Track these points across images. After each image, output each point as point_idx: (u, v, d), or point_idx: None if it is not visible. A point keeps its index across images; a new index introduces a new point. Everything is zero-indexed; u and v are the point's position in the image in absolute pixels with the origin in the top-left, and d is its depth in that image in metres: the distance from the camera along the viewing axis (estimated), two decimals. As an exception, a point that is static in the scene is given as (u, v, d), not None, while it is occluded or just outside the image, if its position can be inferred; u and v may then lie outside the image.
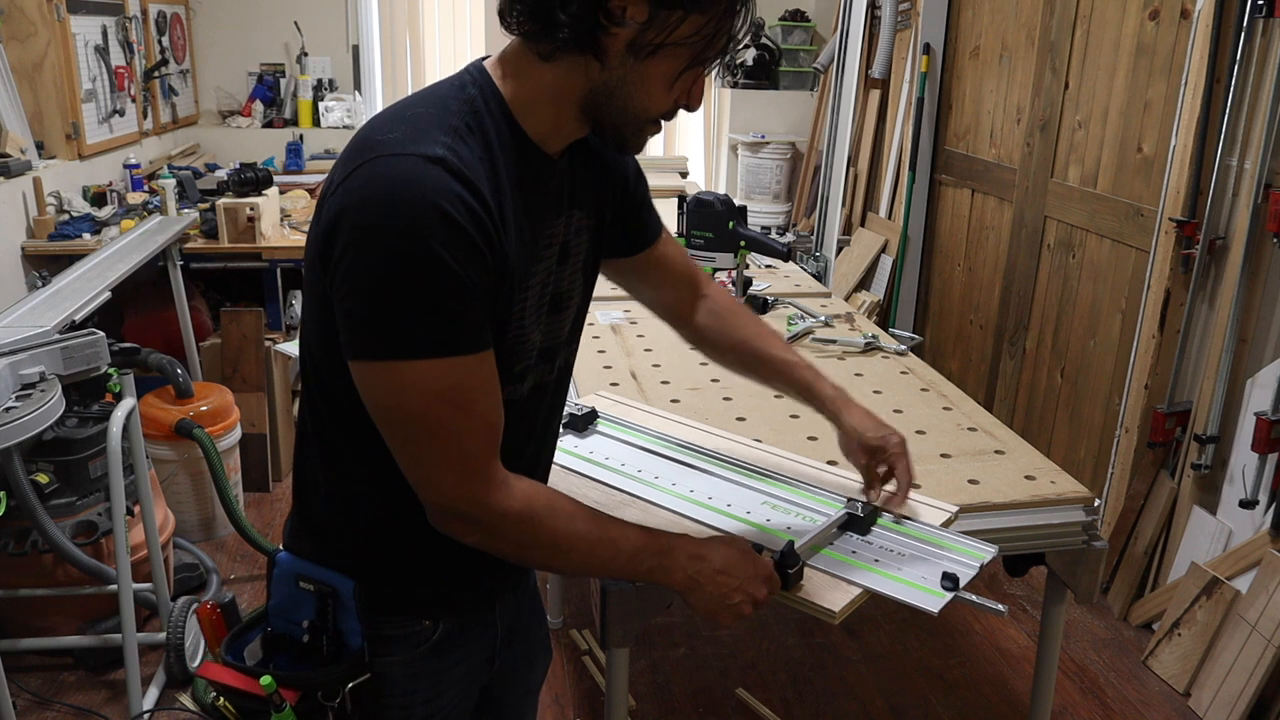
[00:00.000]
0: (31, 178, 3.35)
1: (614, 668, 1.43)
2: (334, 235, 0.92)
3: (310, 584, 1.06)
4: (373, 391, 0.95)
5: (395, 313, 0.91)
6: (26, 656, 2.45)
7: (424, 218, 0.89)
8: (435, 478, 0.97)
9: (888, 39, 4.49)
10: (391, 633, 1.09)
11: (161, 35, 4.58)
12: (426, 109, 0.97)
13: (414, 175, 0.90)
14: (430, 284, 0.90)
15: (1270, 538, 2.38)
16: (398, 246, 0.89)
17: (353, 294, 0.92)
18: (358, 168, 0.92)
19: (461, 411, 0.95)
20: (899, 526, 1.30)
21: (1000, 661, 2.64)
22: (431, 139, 0.93)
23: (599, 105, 0.99)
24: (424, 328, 0.92)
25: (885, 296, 4.45)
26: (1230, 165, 2.58)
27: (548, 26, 0.94)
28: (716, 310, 1.36)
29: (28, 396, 2.08)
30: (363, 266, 0.90)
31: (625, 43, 0.94)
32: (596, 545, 1.05)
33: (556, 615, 2.73)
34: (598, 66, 0.96)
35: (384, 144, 0.93)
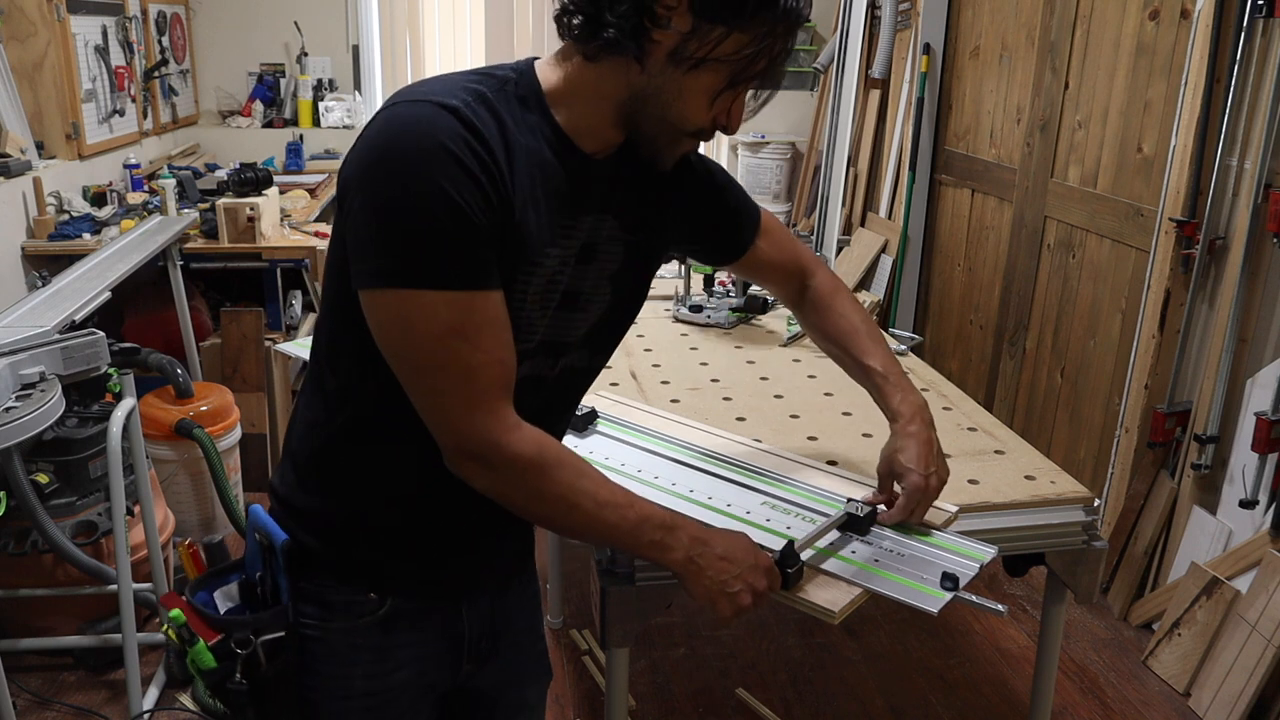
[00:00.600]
0: (31, 178, 3.35)
1: (614, 668, 1.43)
2: (349, 176, 0.96)
3: (259, 535, 1.08)
4: (382, 322, 0.96)
5: (403, 241, 0.92)
6: (26, 656, 2.45)
7: (431, 153, 0.91)
8: (448, 414, 0.98)
9: (888, 39, 4.49)
10: (335, 598, 1.09)
11: (161, 35, 4.58)
12: (458, 77, 1.00)
13: (425, 116, 0.93)
14: (437, 216, 0.92)
15: (1270, 538, 2.38)
16: (404, 177, 0.91)
17: (363, 224, 0.94)
18: (379, 113, 0.96)
19: (471, 346, 0.95)
20: (899, 526, 1.30)
21: (1000, 661, 2.64)
22: (450, 94, 0.95)
23: (636, 110, 1.01)
24: (431, 258, 0.93)
25: (885, 296, 4.45)
26: (1230, 165, 2.58)
27: (596, 26, 0.96)
28: (817, 302, 1.39)
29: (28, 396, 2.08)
30: (372, 197, 0.93)
31: (667, 51, 0.96)
32: (604, 506, 1.04)
33: (557, 615, 2.73)
34: (639, 70, 0.98)
35: (405, 94, 0.96)
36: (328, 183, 4.45)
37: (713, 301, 2.31)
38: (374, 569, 1.10)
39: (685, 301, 2.32)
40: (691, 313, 2.28)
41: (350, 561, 1.09)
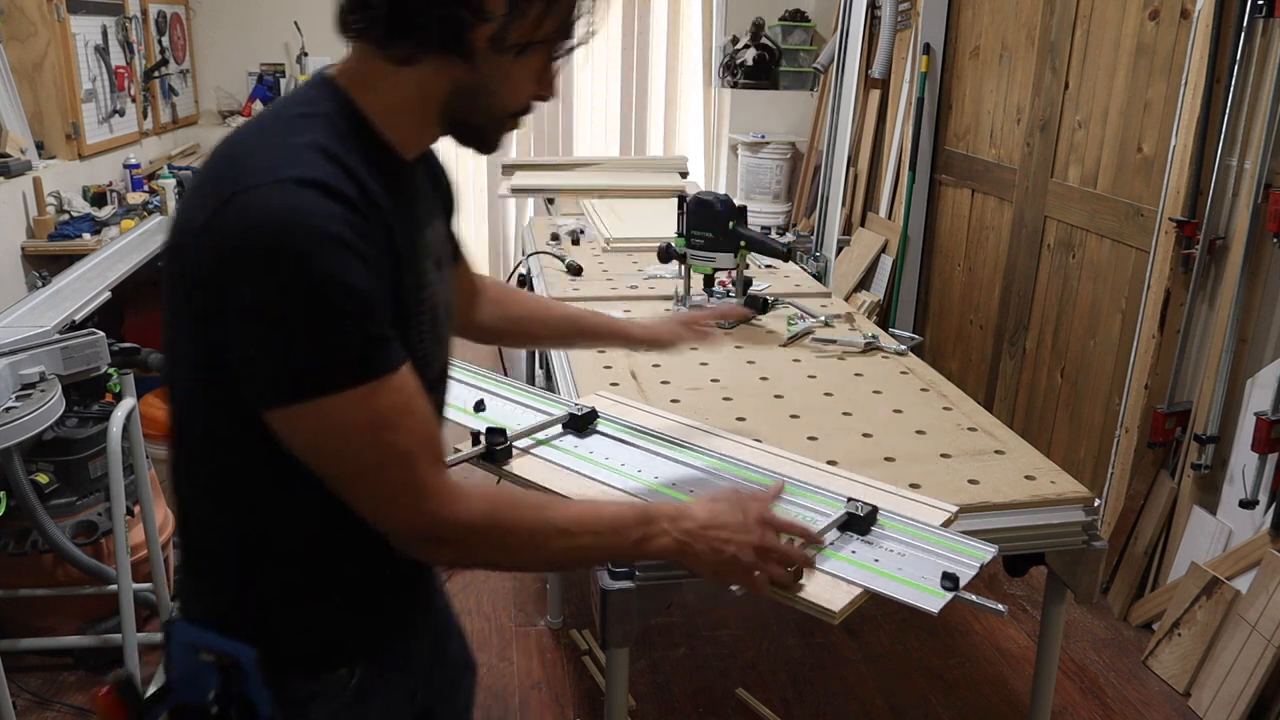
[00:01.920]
0: (31, 178, 3.35)
1: (614, 668, 1.43)
2: (217, 281, 0.86)
3: (210, 654, 0.99)
4: (305, 436, 0.89)
5: (309, 347, 0.86)
6: (26, 656, 2.45)
7: (313, 242, 0.84)
8: (393, 507, 0.93)
9: (888, 39, 4.49)
10: (309, 690, 1.02)
11: (161, 35, 4.58)
12: (279, 135, 0.91)
13: (291, 202, 0.85)
14: (337, 309, 0.86)
15: (1270, 538, 2.38)
16: (294, 278, 0.84)
17: (257, 339, 0.86)
18: (224, 204, 0.85)
19: (401, 432, 0.91)
20: (899, 526, 1.30)
21: (1000, 661, 2.64)
22: (296, 161, 0.88)
23: (464, 106, 0.97)
24: (343, 356, 0.87)
25: (885, 296, 4.45)
26: (1230, 165, 2.58)
27: (407, 29, 0.90)
28: (496, 295, 1.40)
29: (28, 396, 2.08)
30: (261, 307, 0.85)
31: (488, 39, 0.91)
32: (574, 530, 1.00)
33: (556, 615, 2.74)
34: (462, 66, 0.93)
35: (246, 175, 0.86)
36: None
37: (713, 301, 2.31)
38: (339, 643, 1.04)
39: (685, 301, 2.32)
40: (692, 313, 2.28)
41: (319, 645, 1.03)
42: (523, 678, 2.52)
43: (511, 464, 1.47)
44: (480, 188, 5.61)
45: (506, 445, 1.47)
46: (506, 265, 5.79)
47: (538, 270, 2.76)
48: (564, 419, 1.58)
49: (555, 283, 2.60)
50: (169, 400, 1.00)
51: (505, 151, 5.45)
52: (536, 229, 3.25)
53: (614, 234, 3.04)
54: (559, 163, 4.48)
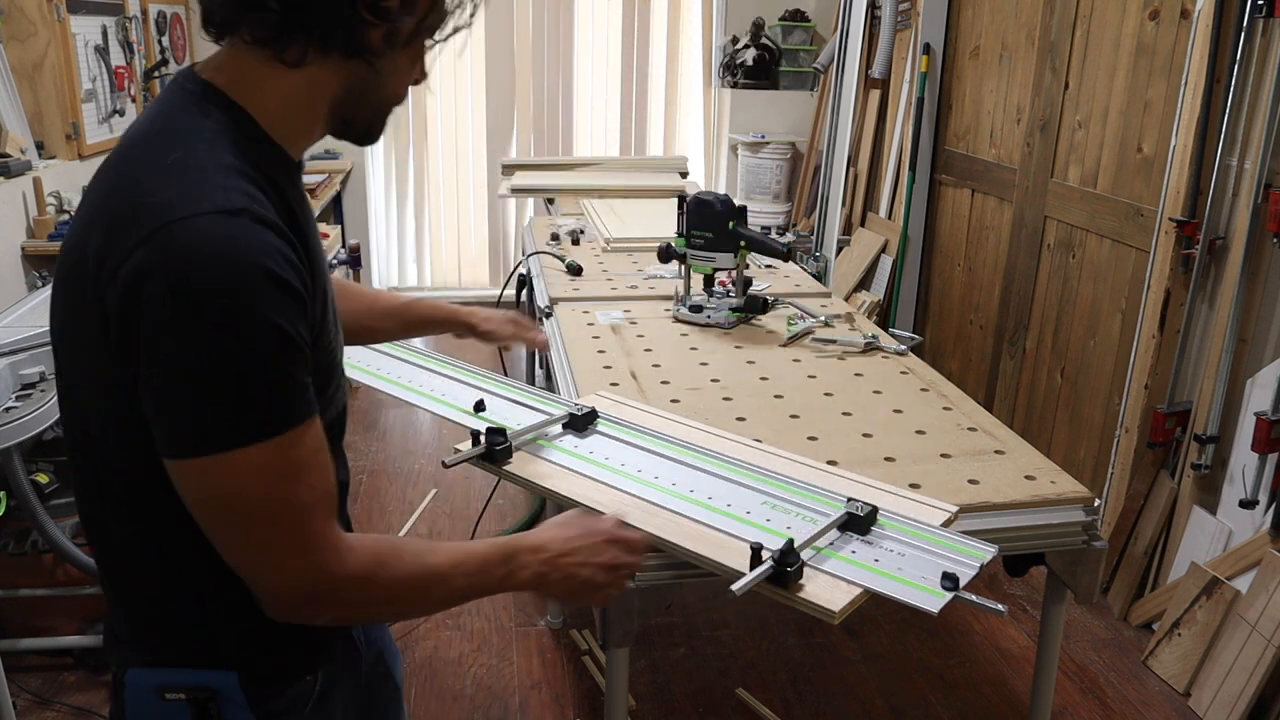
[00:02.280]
0: (31, 178, 3.35)
1: (614, 668, 1.43)
2: (134, 319, 0.80)
3: (179, 693, 0.94)
4: (203, 488, 0.85)
5: (231, 397, 0.81)
6: (26, 656, 2.45)
7: (249, 281, 0.80)
8: (280, 565, 0.88)
9: (888, 39, 4.49)
10: (280, 705, 1.00)
11: (161, 35, 4.58)
12: (190, 156, 0.86)
13: (222, 235, 0.80)
14: (266, 356, 0.82)
15: (1270, 538, 2.38)
16: (225, 320, 0.79)
17: (172, 384, 0.81)
18: (147, 239, 0.80)
19: (304, 485, 0.87)
20: (899, 526, 1.30)
21: (1000, 661, 2.64)
22: (216, 188, 0.83)
23: (354, 103, 0.95)
24: (263, 407, 0.83)
25: (885, 296, 4.45)
26: (1230, 165, 2.58)
27: (303, 32, 0.87)
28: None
29: (28, 396, 2.08)
30: (183, 349, 0.79)
31: (382, 36, 0.91)
32: (449, 575, 0.98)
33: (557, 615, 2.74)
34: (358, 64, 0.91)
35: (169, 207, 0.81)
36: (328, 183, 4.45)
37: (713, 301, 2.31)
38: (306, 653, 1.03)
39: (685, 301, 2.32)
40: (691, 313, 2.28)
41: (291, 659, 1.02)
42: (523, 678, 2.52)
43: (511, 464, 1.47)
44: (480, 187, 5.62)
45: (506, 445, 1.47)
46: (506, 265, 5.80)
47: (538, 270, 2.76)
48: (564, 419, 1.58)
49: (555, 283, 2.60)
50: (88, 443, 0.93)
51: (505, 151, 5.46)
52: (536, 229, 3.25)
53: (614, 234, 3.04)
54: (559, 163, 4.48)
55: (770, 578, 1.16)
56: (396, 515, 3.31)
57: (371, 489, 3.50)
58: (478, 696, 2.44)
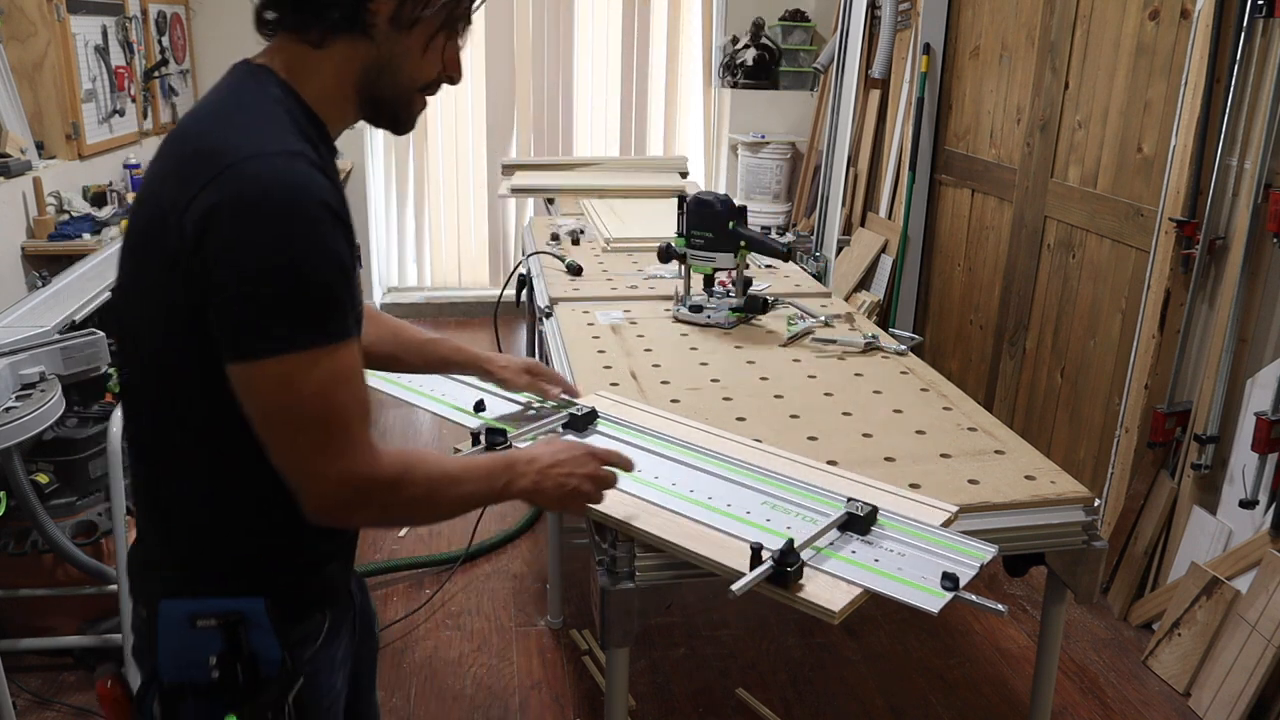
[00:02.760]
0: (31, 178, 3.35)
1: (614, 668, 1.43)
2: (208, 240, 0.91)
3: (211, 619, 1.03)
4: (263, 389, 0.95)
5: (294, 305, 0.92)
6: (26, 656, 2.45)
7: (311, 209, 0.93)
8: (326, 467, 0.98)
9: (888, 39, 4.49)
10: (296, 636, 1.10)
11: (161, 35, 4.58)
12: (250, 115, 0.99)
13: (286, 170, 0.93)
14: (323, 274, 0.94)
15: (1270, 538, 2.38)
16: (289, 240, 0.91)
17: (242, 295, 0.91)
18: (218, 175, 0.92)
19: (349, 394, 0.98)
20: (899, 526, 1.30)
21: (1000, 661, 2.64)
22: (279, 138, 0.96)
23: (374, 82, 1.05)
24: (320, 317, 0.94)
25: (885, 296, 4.45)
26: (1230, 165, 2.58)
27: (314, 11, 1.00)
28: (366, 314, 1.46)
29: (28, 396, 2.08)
30: (252, 264, 0.91)
31: (388, 18, 1.01)
32: (462, 478, 1.11)
33: (557, 615, 2.74)
34: (368, 43, 1.02)
35: (236, 149, 0.93)
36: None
37: (713, 301, 2.31)
38: (320, 591, 1.14)
39: (685, 301, 2.32)
40: (691, 313, 2.28)
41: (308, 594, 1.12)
42: (523, 678, 2.52)
43: (511, 464, 1.47)
44: (480, 187, 5.62)
45: (506, 445, 1.47)
46: (506, 265, 5.80)
47: (538, 270, 2.76)
48: (564, 419, 1.58)
49: (555, 283, 2.60)
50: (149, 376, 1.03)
51: (505, 151, 5.46)
52: (536, 229, 3.25)
53: (614, 234, 3.04)
54: (559, 163, 4.48)
55: (770, 578, 1.16)
56: (396, 515, 3.31)
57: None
58: (478, 696, 2.44)
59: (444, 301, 5.69)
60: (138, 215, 1.01)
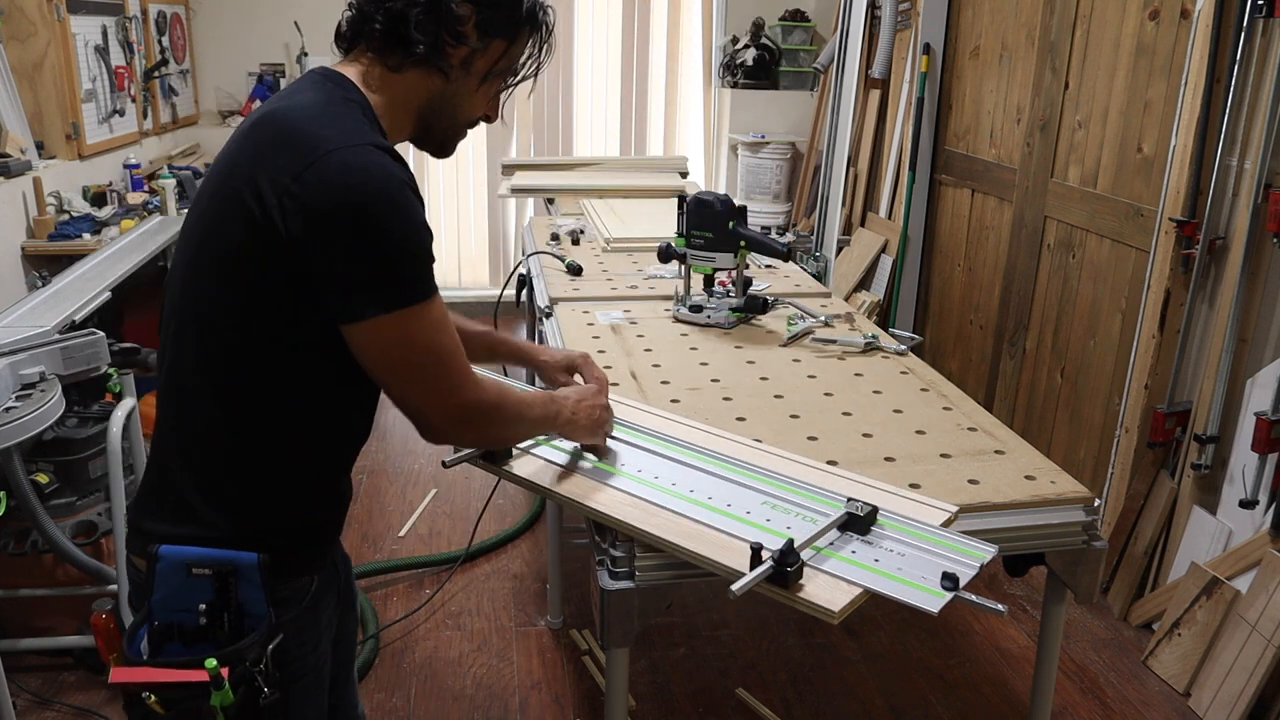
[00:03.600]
0: (31, 178, 3.35)
1: (614, 668, 1.43)
2: (312, 220, 1.05)
3: (206, 567, 1.12)
4: (384, 342, 1.09)
5: (407, 267, 1.08)
6: (26, 656, 2.45)
7: (402, 190, 1.08)
8: (444, 400, 1.14)
9: (888, 39, 4.49)
10: (284, 594, 1.18)
11: (161, 35, 4.58)
12: (338, 113, 1.12)
13: (380, 160, 1.08)
14: (421, 239, 1.10)
15: (1270, 538, 2.38)
16: (395, 217, 1.07)
17: (364, 261, 1.06)
18: (317, 160, 1.05)
19: (450, 334, 1.14)
20: (899, 526, 1.30)
21: (1000, 661, 2.64)
22: (365, 134, 1.11)
23: (435, 113, 1.22)
24: (425, 273, 1.10)
25: (885, 296, 4.45)
26: (1230, 165, 2.58)
27: (405, 42, 1.15)
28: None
29: (28, 396, 2.08)
30: (370, 235, 1.05)
31: (460, 61, 1.19)
32: (532, 405, 1.32)
33: (557, 615, 2.74)
34: (440, 79, 1.19)
35: (332, 139, 1.07)
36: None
37: (713, 301, 2.31)
38: (309, 554, 1.23)
39: (685, 301, 2.32)
40: (691, 313, 2.28)
41: (298, 556, 1.21)
42: (523, 678, 2.52)
43: (511, 464, 1.47)
44: (480, 187, 5.62)
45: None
46: (506, 265, 5.80)
47: (538, 270, 2.76)
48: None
49: (555, 283, 2.60)
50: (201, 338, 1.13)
51: (505, 151, 5.45)
52: (536, 229, 3.25)
53: (614, 234, 3.04)
54: (559, 163, 4.48)
55: (770, 578, 1.16)
56: (396, 515, 3.31)
57: (371, 489, 3.50)
58: (478, 696, 2.44)
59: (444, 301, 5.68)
60: (217, 191, 1.12)
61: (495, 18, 1.18)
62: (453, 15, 1.15)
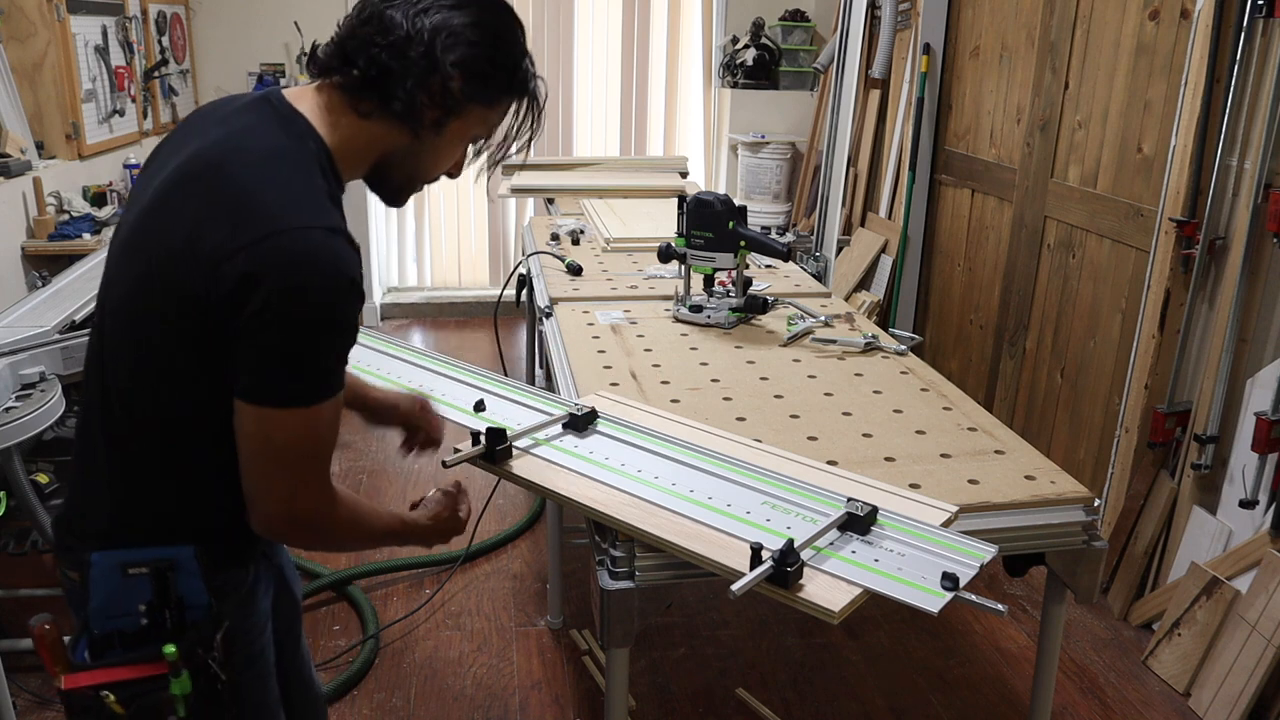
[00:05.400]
0: (31, 178, 3.35)
1: (614, 668, 1.44)
2: (246, 297, 1.01)
3: (142, 567, 1.13)
4: (267, 430, 1.06)
5: (316, 367, 1.06)
6: (26, 656, 2.45)
7: (343, 289, 1.05)
8: (294, 496, 1.11)
9: (888, 39, 4.49)
10: (221, 582, 1.19)
11: (161, 35, 4.58)
12: (293, 172, 1.08)
13: (327, 249, 1.04)
14: (341, 342, 1.08)
15: (1270, 538, 2.38)
16: (323, 314, 1.04)
17: (279, 357, 1.04)
18: (259, 241, 1.01)
19: (324, 441, 1.11)
20: (899, 526, 1.30)
21: (1000, 661, 2.64)
22: (319, 208, 1.07)
23: (395, 166, 1.19)
24: (332, 376, 1.09)
25: (885, 296, 4.45)
26: (1230, 165, 2.58)
27: (383, 95, 1.11)
28: None
29: (28, 396, 2.08)
30: (294, 336, 1.03)
31: (431, 121, 1.14)
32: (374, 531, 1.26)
33: (557, 615, 2.73)
34: (408, 135, 1.15)
35: (278, 212, 1.03)
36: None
37: (713, 301, 2.31)
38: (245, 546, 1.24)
39: (685, 301, 2.32)
40: (691, 313, 2.28)
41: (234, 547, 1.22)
42: (523, 678, 2.52)
43: (511, 464, 1.47)
44: (480, 187, 5.62)
45: (506, 445, 1.47)
46: (506, 265, 5.80)
47: (538, 270, 2.76)
48: (564, 419, 1.58)
49: (555, 283, 2.60)
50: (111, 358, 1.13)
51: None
52: (536, 229, 3.25)
53: (614, 234, 3.04)
54: (559, 163, 4.48)
55: (770, 578, 1.16)
56: (396, 515, 3.31)
57: (372, 489, 3.50)
58: (478, 696, 2.44)
59: (444, 301, 5.69)
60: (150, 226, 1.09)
61: (481, 85, 1.15)
62: (440, 83, 1.12)
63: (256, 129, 1.12)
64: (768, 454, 1.53)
